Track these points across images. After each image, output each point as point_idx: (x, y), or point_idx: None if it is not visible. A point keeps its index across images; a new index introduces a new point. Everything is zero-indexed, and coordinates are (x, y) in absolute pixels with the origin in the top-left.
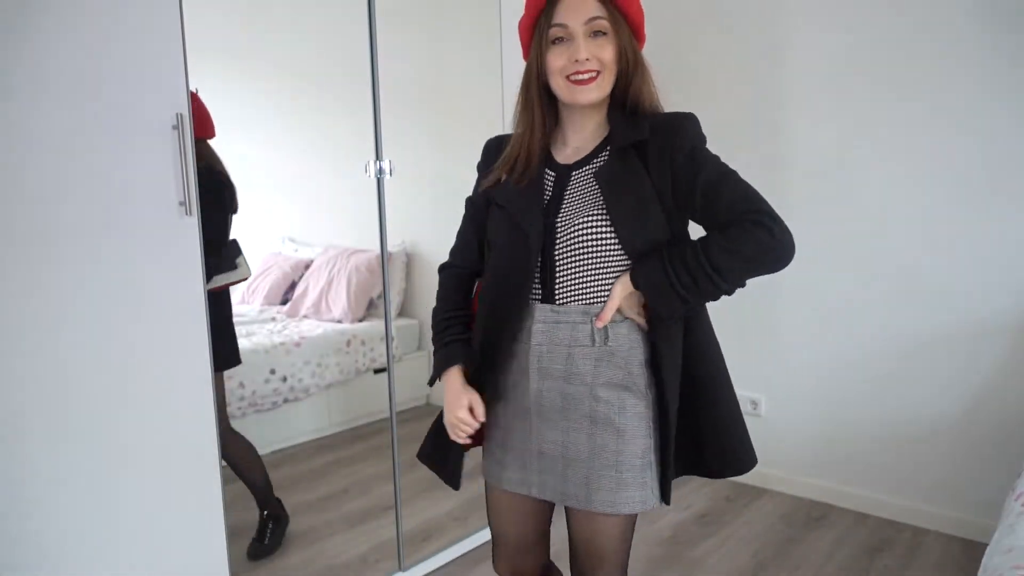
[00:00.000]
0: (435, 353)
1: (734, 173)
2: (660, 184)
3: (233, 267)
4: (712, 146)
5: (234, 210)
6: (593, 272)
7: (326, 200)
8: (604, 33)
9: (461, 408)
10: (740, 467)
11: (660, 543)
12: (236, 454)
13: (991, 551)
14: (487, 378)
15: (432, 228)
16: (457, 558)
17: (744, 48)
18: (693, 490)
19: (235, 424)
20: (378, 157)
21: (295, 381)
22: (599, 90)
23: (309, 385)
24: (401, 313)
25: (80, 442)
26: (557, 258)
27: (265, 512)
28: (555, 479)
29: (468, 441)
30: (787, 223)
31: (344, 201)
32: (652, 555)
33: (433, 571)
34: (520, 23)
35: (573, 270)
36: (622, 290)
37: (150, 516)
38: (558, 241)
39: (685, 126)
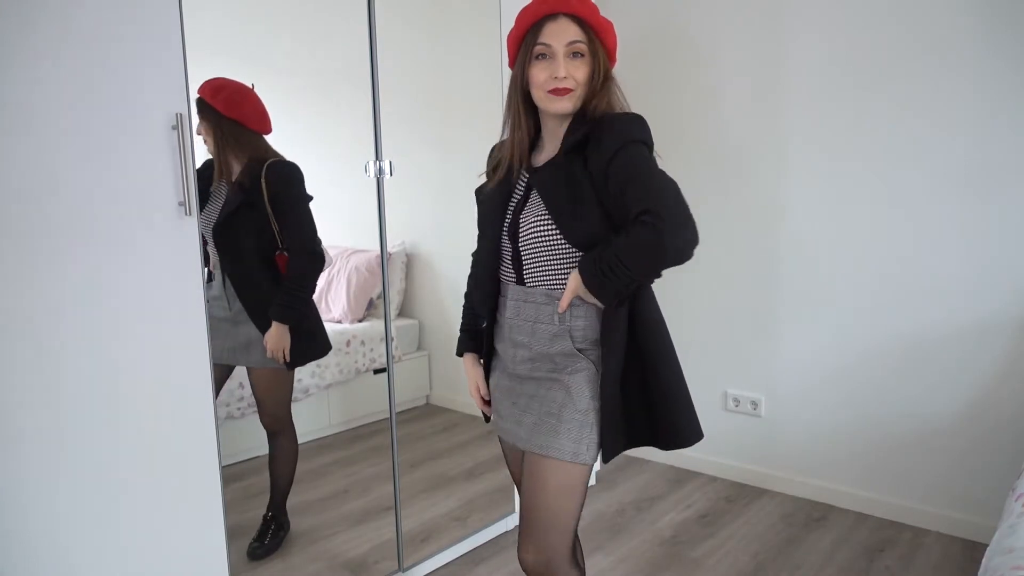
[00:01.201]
0: (460, 333)
1: (649, 172)
2: (597, 180)
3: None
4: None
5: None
6: (551, 261)
7: (326, 200)
8: (582, 55)
9: (471, 388)
10: (683, 440)
11: (660, 543)
12: (282, 446)
13: (991, 552)
14: (491, 348)
15: (432, 228)
16: (457, 558)
17: (741, 48)
18: (693, 490)
19: (235, 424)
20: (378, 157)
21: (294, 381)
22: (572, 103)
23: (309, 385)
24: (401, 313)
25: (79, 443)
26: (522, 249)
27: (270, 514)
28: (522, 428)
29: (487, 408)
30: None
31: (344, 201)
32: (652, 555)
33: (433, 571)
34: (509, 35)
35: (535, 260)
36: (574, 281)
37: (150, 516)
38: (521, 235)
39: (616, 125)
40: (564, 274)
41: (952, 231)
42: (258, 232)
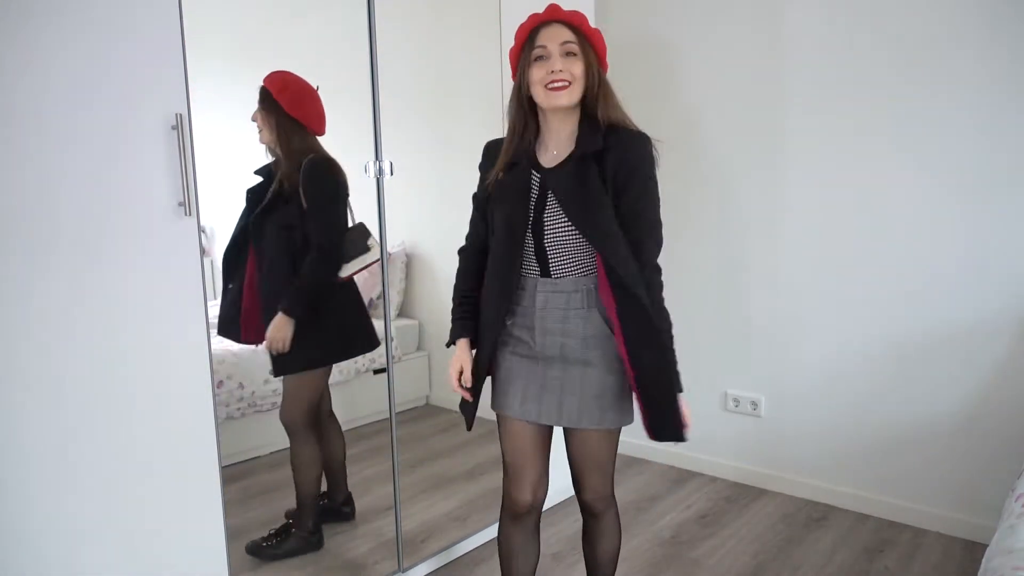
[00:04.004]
0: (452, 323)
1: (652, 200)
2: (612, 187)
3: (366, 248)
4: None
5: (347, 195)
6: (577, 254)
7: None
8: (575, 54)
9: (454, 368)
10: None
11: (660, 543)
12: (293, 452)
13: (991, 552)
14: (487, 336)
15: (432, 228)
16: (457, 559)
17: (744, 43)
18: (693, 490)
19: (235, 424)
20: (378, 157)
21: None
22: (569, 97)
23: None
24: (401, 313)
25: (79, 443)
26: (548, 246)
27: (290, 520)
28: (553, 407)
29: (464, 393)
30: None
31: None
32: (652, 555)
33: (433, 572)
34: (510, 51)
35: (561, 253)
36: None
37: (150, 517)
38: (546, 232)
39: (635, 146)
40: (588, 263)
41: (952, 231)
42: (289, 228)
